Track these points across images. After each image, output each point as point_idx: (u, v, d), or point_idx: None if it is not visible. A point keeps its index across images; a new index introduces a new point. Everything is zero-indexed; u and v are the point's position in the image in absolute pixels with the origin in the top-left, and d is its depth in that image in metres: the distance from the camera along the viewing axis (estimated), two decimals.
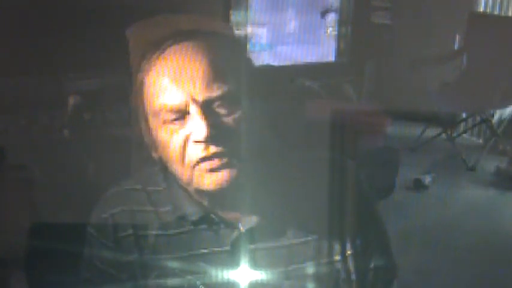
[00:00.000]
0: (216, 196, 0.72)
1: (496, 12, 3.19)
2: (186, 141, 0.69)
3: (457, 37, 3.28)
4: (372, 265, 0.79)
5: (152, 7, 1.25)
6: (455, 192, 2.64)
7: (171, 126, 0.69)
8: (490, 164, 2.83)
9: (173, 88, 0.68)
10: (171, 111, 0.69)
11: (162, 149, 0.72)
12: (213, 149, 0.68)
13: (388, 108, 2.63)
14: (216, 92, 0.68)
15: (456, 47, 3.31)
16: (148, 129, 0.72)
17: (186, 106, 0.68)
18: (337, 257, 0.76)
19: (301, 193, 0.76)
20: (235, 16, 2.81)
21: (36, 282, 1.04)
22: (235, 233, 0.74)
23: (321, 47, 3.38)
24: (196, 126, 0.67)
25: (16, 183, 1.57)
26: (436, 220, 2.34)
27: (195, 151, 0.68)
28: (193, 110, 0.68)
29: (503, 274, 1.96)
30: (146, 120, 0.72)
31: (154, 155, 0.74)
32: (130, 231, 0.76)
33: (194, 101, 0.68)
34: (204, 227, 0.75)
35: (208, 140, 0.67)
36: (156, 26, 0.98)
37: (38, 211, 1.55)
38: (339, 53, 3.43)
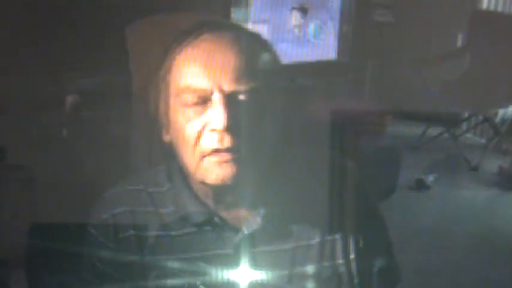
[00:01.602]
0: (221, 192, 0.72)
1: (499, 10, 3.17)
2: (202, 128, 0.69)
3: (460, 35, 3.27)
4: (375, 268, 0.78)
5: (151, 6, 1.25)
6: (458, 192, 2.63)
7: (191, 110, 0.69)
8: (493, 164, 2.81)
9: (201, 72, 0.69)
10: (194, 93, 0.69)
11: (176, 133, 0.71)
12: (227, 142, 0.68)
13: (390, 107, 2.62)
14: (243, 86, 0.69)
15: (459, 45, 3.30)
16: (167, 110, 0.72)
17: (210, 93, 0.68)
18: (340, 260, 0.76)
19: (303, 194, 0.75)
20: (235, 13, 2.80)
21: (36, 282, 1.04)
22: (239, 236, 0.74)
23: (322, 46, 3.37)
24: (217, 114, 0.67)
25: (16, 183, 1.57)
26: (438, 220, 2.33)
27: (210, 141, 0.68)
28: (217, 98, 0.68)
29: (506, 274, 1.95)
30: (167, 101, 0.72)
31: (166, 137, 0.74)
32: (131, 231, 0.76)
33: (220, 89, 0.68)
34: (207, 229, 0.75)
35: (226, 131, 0.67)
36: (158, 25, 0.98)
37: (38, 211, 1.55)
38: (340, 51, 3.42)
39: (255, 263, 0.74)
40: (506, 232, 2.29)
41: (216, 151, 0.68)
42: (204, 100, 0.69)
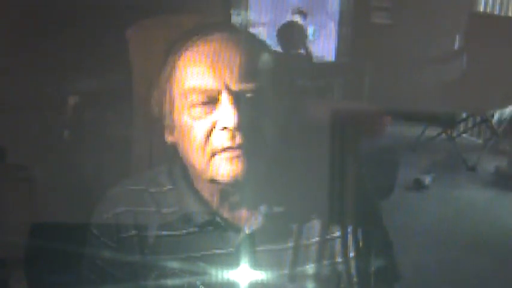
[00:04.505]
0: (228, 190, 0.72)
1: (496, 12, 3.19)
2: (212, 127, 0.70)
3: (457, 37, 3.28)
4: (374, 267, 0.79)
5: (152, 7, 1.25)
6: (455, 192, 2.64)
7: (199, 110, 0.70)
8: (490, 164, 2.83)
9: (208, 72, 0.69)
10: (202, 93, 0.69)
11: (182, 133, 0.72)
12: (238, 139, 0.69)
13: (388, 108, 2.63)
14: (249, 85, 0.70)
15: (456, 47, 3.31)
16: (172, 110, 0.73)
17: (218, 93, 0.69)
18: (340, 259, 0.76)
19: (304, 194, 0.76)
20: (235, 16, 2.81)
21: (36, 282, 1.04)
22: (240, 236, 0.74)
23: (321, 47, 3.38)
24: (227, 113, 0.68)
25: (16, 183, 1.57)
26: (436, 220, 2.34)
27: (220, 139, 0.69)
28: (225, 97, 0.69)
29: (503, 274, 1.96)
30: (171, 101, 0.72)
31: (169, 138, 0.75)
32: (133, 231, 0.76)
33: (228, 89, 0.69)
34: (209, 229, 0.75)
35: (237, 129, 0.68)
36: (161, 27, 0.99)
37: (38, 211, 1.55)
38: (339, 52, 3.43)
39: (256, 263, 0.75)
40: (504, 231, 2.30)
41: (227, 148, 0.69)
42: (211, 100, 0.69)
